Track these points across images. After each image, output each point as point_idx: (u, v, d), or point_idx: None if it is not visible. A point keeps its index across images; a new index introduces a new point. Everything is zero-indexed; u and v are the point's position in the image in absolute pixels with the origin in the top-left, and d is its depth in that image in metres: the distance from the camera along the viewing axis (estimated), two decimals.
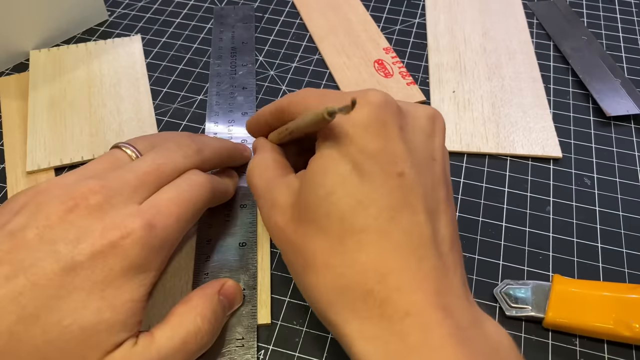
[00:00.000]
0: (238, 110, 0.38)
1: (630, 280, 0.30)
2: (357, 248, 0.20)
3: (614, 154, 0.36)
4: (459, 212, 0.33)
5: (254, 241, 0.30)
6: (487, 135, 0.37)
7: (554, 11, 0.47)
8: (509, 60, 0.42)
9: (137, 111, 0.38)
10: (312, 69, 0.42)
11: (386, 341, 0.19)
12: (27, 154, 0.34)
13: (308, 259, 0.21)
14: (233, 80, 0.40)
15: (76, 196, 0.22)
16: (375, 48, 0.43)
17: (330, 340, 0.27)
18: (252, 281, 0.29)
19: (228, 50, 0.42)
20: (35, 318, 0.20)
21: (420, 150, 0.22)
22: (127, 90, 0.39)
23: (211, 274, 0.29)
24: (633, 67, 0.42)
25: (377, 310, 0.19)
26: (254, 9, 0.46)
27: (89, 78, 0.40)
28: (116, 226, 0.21)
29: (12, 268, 0.20)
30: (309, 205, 0.21)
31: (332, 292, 0.21)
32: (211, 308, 0.24)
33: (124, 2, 0.47)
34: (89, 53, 0.41)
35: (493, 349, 0.20)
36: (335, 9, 0.46)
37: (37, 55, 0.41)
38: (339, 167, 0.21)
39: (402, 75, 0.41)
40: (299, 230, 0.22)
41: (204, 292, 0.25)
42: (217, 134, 0.36)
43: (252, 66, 0.41)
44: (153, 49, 0.43)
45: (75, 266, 0.20)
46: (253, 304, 0.28)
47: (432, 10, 0.46)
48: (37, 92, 0.38)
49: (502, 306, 0.28)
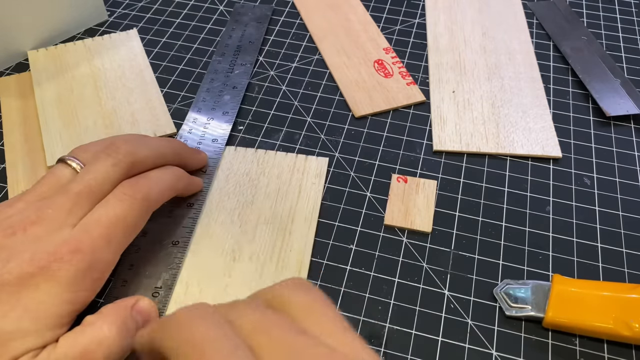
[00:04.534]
0: (220, 109, 0.38)
1: (630, 280, 0.30)
2: None
3: (614, 153, 0.36)
4: (459, 212, 0.33)
5: (187, 241, 0.30)
6: (487, 135, 0.37)
7: (553, 11, 0.47)
8: (509, 60, 0.42)
9: (147, 100, 0.38)
10: (312, 69, 0.42)
11: None
12: (44, 149, 0.35)
13: None
14: (227, 79, 0.40)
15: (15, 226, 0.24)
16: (375, 48, 0.43)
17: None
18: (171, 280, 0.29)
19: (233, 48, 0.43)
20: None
21: None
22: (133, 82, 0.39)
23: (135, 265, 0.29)
24: (633, 67, 0.42)
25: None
26: (272, 10, 0.46)
27: (92, 73, 0.40)
28: (47, 252, 0.23)
29: None
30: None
31: None
32: (121, 319, 0.24)
33: (124, 2, 0.47)
34: (88, 50, 0.42)
35: None
36: (335, 9, 0.46)
37: (36, 55, 0.41)
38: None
39: (402, 75, 0.41)
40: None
41: (116, 304, 0.25)
42: (191, 130, 0.36)
43: (250, 66, 0.41)
44: (153, 49, 0.43)
45: (3, 283, 0.22)
46: (164, 304, 0.28)
47: (432, 10, 0.46)
48: (42, 90, 0.38)
49: (502, 306, 0.28)
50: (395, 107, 0.39)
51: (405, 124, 0.38)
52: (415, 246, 0.31)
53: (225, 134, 0.36)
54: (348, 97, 0.39)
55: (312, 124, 0.38)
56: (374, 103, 0.39)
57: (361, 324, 0.28)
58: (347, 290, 0.29)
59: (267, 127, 0.37)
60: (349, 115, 0.38)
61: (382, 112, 0.39)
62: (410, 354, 0.27)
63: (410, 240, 0.31)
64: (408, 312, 0.28)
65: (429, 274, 0.30)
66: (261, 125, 0.38)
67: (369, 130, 0.37)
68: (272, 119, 0.38)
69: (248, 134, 0.37)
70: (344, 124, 0.38)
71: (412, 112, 0.39)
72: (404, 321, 0.28)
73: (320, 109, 0.39)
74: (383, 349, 0.27)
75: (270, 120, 0.38)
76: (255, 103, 0.39)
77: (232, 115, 0.37)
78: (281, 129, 0.37)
